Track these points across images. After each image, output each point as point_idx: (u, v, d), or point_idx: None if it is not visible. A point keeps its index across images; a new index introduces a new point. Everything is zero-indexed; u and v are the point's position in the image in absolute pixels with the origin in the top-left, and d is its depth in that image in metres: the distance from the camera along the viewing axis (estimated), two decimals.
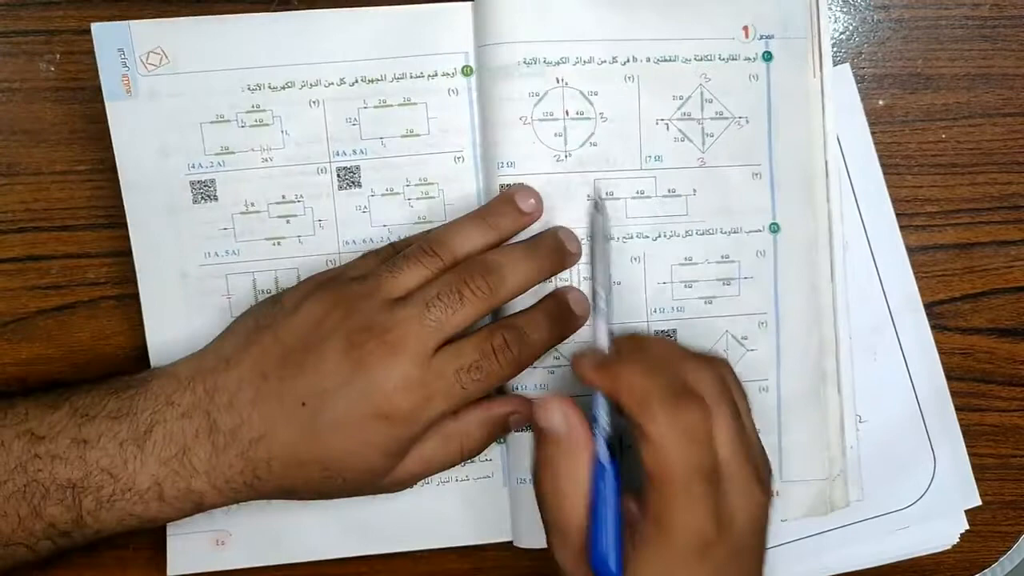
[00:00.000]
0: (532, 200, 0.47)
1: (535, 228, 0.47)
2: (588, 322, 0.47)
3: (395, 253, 0.46)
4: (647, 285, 0.49)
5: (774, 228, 0.50)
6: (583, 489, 0.41)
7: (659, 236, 0.49)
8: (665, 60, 0.49)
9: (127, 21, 0.47)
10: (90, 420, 0.43)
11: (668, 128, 0.49)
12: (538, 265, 0.46)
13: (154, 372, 0.45)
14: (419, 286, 0.44)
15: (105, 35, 0.47)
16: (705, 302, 0.50)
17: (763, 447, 0.44)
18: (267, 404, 0.43)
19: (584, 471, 0.41)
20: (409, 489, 0.50)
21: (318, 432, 0.43)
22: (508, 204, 0.46)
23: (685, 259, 0.50)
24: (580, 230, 0.48)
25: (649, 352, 0.43)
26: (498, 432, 0.48)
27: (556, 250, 0.47)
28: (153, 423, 0.43)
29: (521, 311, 0.47)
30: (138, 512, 0.43)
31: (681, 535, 0.39)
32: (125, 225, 0.49)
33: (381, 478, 0.45)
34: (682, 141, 0.49)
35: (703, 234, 0.50)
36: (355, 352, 0.42)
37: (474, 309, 0.43)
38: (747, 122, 0.49)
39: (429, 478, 0.50)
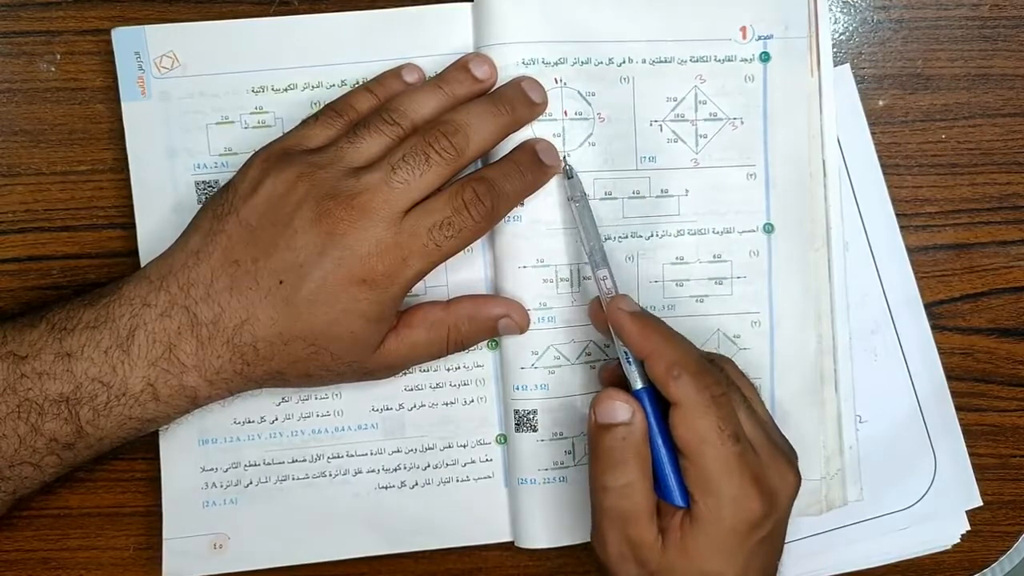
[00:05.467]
0: (486, 67, 0.46)
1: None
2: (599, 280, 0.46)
3: (338, 116, 0.45)
4: (639, 283, 0.50)
5: (768, 228, 0.50)
6: (649, 475, 0.42)
7: (652, 235, 0.50)
8: (661, 62, 0.49)
9: (143, 26, 0.48)
10: (69, 333, 0.43)
11: (662, 129, 0.49)
12: (503, 120, 0.45)
13: (124, 279, 0.44)
14: (381, 153, 0.43)
15: (123, 39, 0.48)
16: (696, 300, 0.50)
17: (783, 434, 0.45)
18: (244, 288, 0.42)
19: (648, 456, 0.42)
20: (409, 489, 0.51)
21: (298, 307, 0.42)
22: (463, 71, 0.46)
23: (677, 258, 0.50)
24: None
25: (671, 330, 0.44)
26: (487, 332, 0.48)
27: (519, 101, 0.46)
28: (134, 327, 0.43)
29: (490, 164, 0.46)
30: (136, 415, 0.43)
31: (730, 511, 0.41)
32: (126, 226, 0.49)
33: (367, 353, 0.45)
34: (675, 142, 0.49)
35: (695, 234, 0.50)
36: (325, 221, 0.42)
37: (441, 170, 0.43)
38: (742, 123, 0.50)
39: (430, 477, 0.51)
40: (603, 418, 0.43)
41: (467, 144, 0.43)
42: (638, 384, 0.43)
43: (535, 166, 0.46)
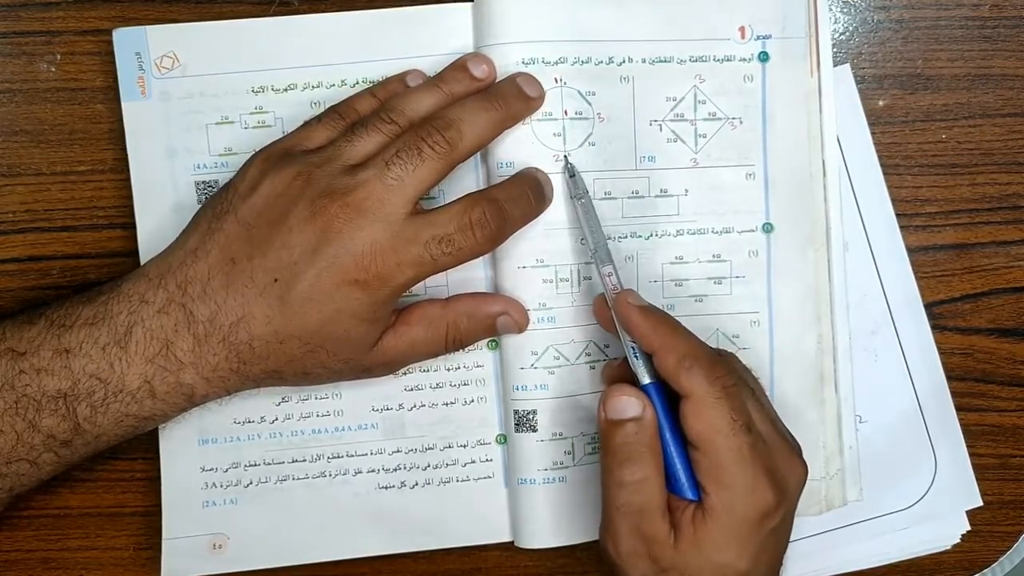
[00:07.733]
0: (484, 66, 0.46)
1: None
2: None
3: (339, 118, 0.45)
4: (638, 283, 0.50)
5: (767, 228, 0.50)
6: (662, 470, 0.42)
7: (651, 235, 0.50)
8: (660, 61, 0.49)
9: (144, 26, 0.48)
10: (67, 329, 0.43)
11: (661, 129, 0.49)
12: (496, 115, 0.45)
13: (124, 276, 0.44)
14: (377, 151, 0.43)
15: (124, 39, 0.48)
16: (696, 300, 0.50)
17: (786, 427, 0.45)
18: (240, 287, 0.42)
19: (660, 450, 0.42)
20: (409, 488, 0.51)
21: (292, 305, 0.42)
22: (461, 70, 0.46)
23: (676, 258, 0.50)
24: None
25: (679, 323, 0.44)
26: (485, 330, 0.48)
27: (515, 97, 0.46)
28: (131, 324, 0.43)
29: (499, 184, 0.46)
30: (133, 412, 0.43)
31: (743, 501, 0.41)
32: (126, 226, 0.49)
33: (364, 351, 0.45)
34: (675, 142, 0.49)
35: (694, 234, 0.50)
36: (320, 219, 0.42)
37: (434, 164, 0.43)
38: (741, 123, 0.50)
39: (430, 477, 0.51)
40: (613, 414, 0.43)
41: (460, 138, 0.43)
42: (646, 379, 0.44)
43: (541, 195, 0.46)
